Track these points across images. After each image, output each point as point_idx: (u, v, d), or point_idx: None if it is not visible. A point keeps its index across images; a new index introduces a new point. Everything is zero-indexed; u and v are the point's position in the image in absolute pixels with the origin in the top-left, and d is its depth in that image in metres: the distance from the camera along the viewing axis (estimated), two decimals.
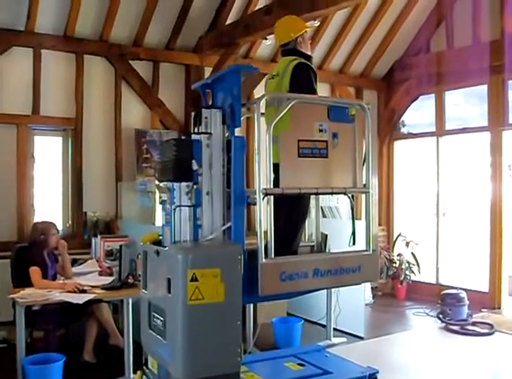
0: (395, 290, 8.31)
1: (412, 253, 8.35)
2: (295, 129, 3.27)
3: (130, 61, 7.11)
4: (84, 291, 4.75)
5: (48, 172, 6.89)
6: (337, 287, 3.62)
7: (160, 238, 3.28)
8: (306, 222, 3.82)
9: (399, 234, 8.66)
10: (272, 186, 3.17)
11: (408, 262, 8.28)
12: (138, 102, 7.25)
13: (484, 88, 7.70)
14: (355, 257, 3.45)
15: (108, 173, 7.00)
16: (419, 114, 8.93)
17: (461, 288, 6.97)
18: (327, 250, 4.44)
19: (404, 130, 9.12)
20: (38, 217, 6.41)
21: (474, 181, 8.26)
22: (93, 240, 6.28)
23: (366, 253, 3.45)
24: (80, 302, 4.56)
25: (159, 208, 4.52)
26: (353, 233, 3.61)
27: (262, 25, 6.44)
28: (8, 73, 6.41)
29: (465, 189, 8.40)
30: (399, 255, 8.37)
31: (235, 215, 3.12)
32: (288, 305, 6.71)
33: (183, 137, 3.35)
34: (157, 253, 3.09)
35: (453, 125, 8.28)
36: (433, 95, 8.43)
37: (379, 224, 8.96)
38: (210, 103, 3.48)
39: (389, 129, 9.00)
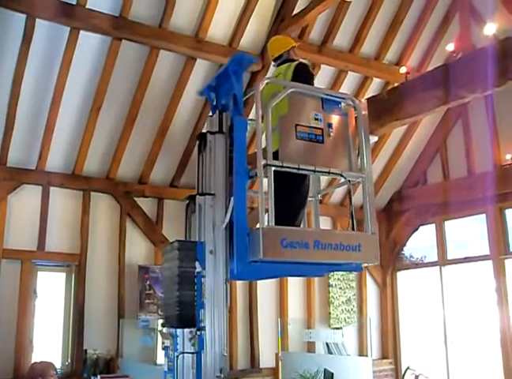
0: None
1: None
2: (292, 115, 3.63)
3: (135, 198, 7.27)
4: None
5: (50, 308, 6.80)
6: (339, 264, 3.70)
7: None
8: None
9: (407, 368, 8.34)
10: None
11: None
12: (142, 238, 7.33)
13: (483, 216, 7.83)
14: (355, 235, 3.69)
15: (110, 309, 6.92)
16: (418, 237, 8.99)
17: None
18: None
19: (406, 254, 9.13)
20: (36, 354, 6.26)
21: (480, 306, 8.14)
22: None
23: (365, 233, 3.65)
24: None
25: (161, 346, 4.46)
26: (351, 217, 3.80)
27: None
28: (17, 210, 6.56)
29: (473, 316, 8.26)
30: None
31: (237, 187, 3.35)
32: None
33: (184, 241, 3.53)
34: None
35: (453, 246, 8.36)
36: (433, 224, 8.55)
37: (386, 357, 8.73)
38: (215, 103, 3.92)
39: (392, 259, 9.01)
